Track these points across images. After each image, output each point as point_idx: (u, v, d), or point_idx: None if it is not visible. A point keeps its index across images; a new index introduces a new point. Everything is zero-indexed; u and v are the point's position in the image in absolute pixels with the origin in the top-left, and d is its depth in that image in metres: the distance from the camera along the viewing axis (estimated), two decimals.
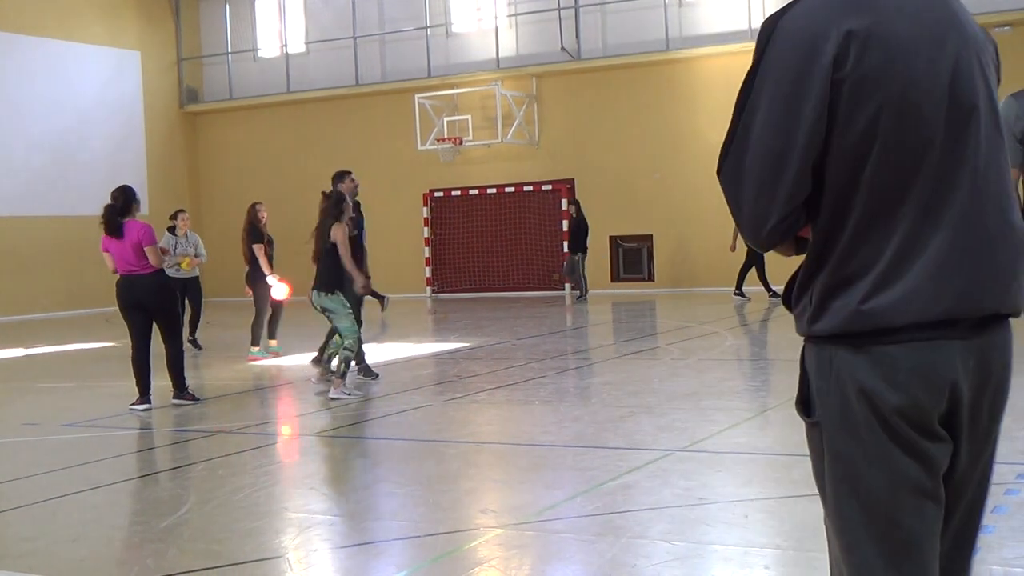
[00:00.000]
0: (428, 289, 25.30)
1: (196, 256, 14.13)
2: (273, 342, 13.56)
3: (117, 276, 9.78)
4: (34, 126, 24.49)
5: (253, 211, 13.60)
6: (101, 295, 25.35)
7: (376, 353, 13.74)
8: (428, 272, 25.31)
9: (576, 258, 21.94)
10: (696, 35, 22.95)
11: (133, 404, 9.76)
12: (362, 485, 6.61)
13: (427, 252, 25.31)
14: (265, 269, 12.99)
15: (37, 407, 10.78)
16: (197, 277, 14.59)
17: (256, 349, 13.35)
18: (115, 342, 17.29)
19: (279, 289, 12.69)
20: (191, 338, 14.66)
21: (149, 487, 7.01)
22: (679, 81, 23.08)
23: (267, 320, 13.40)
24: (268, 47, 27.93)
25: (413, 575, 4.89)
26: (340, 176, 11.22)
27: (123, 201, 9.69)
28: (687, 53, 22.88)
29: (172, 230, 14.61)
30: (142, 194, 11.23)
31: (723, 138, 2.26)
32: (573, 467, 6.89)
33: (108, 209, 9.66)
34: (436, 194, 25.37)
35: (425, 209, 25.25)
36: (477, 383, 10.80)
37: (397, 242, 25.33)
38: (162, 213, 24.68)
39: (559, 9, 23.95)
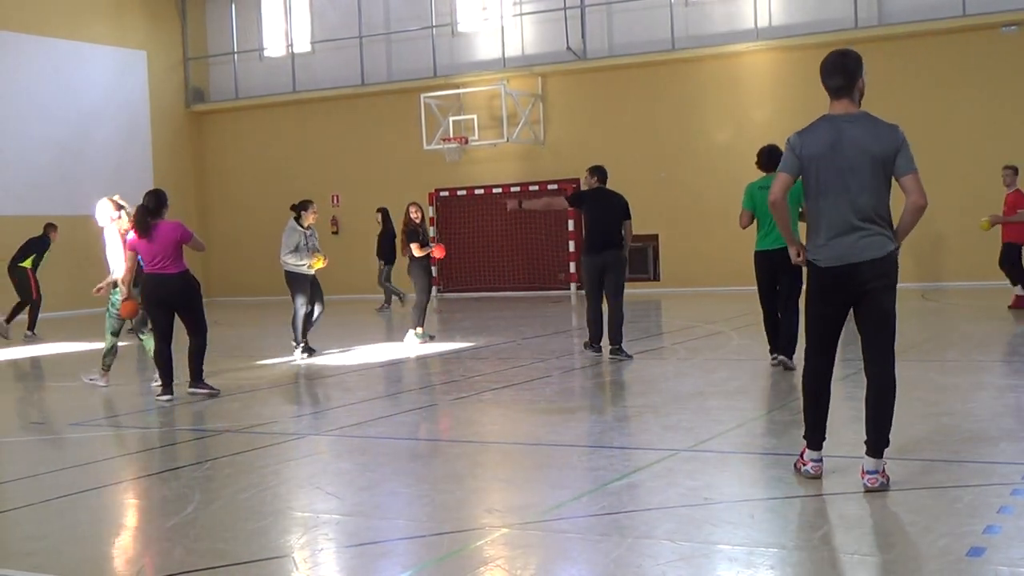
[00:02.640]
0: (434, 289, 25.28)
1: (322, 253, 13.54)
2: (420, 329, 14.37)
3: (143, 273, 10.19)
4: (40, 125, 24.53)
5: (407, 212, 14.46)
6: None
7: (379, 353, 13.75)
8: (434, 272, 25.26)
9: (386, 267, 21.39)
10: (702, 35, 22.92)
11: (159, 396, 10.16)
12: (367, 485, 6.61)
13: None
14: (419, 253, 14.13)
15: (43, 406, 10.80)
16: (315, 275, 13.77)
17: (419, 331, 14.29)
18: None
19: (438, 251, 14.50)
20: (302, 341, 13.46)
21: (155, 486, 7.01)
22: (685, 81, 23.05)
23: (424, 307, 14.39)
24: (274, 47, 27.95)
25: (418, 574, 4.90)
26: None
27: (155, 203, 10.15)
28: (693, 53, 22.85)
29: (298, 220, 13.46)
30: None
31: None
32: (578, 467, 6.89)
33: (140, 210, 10.09)
34: (442, 194, 25.37)
35: (431, 209, 25.25)
36: (482, 383, 10.80)
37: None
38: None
39: (565, 9, 23.93)
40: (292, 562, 5.09)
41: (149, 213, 10.06)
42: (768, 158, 10.31)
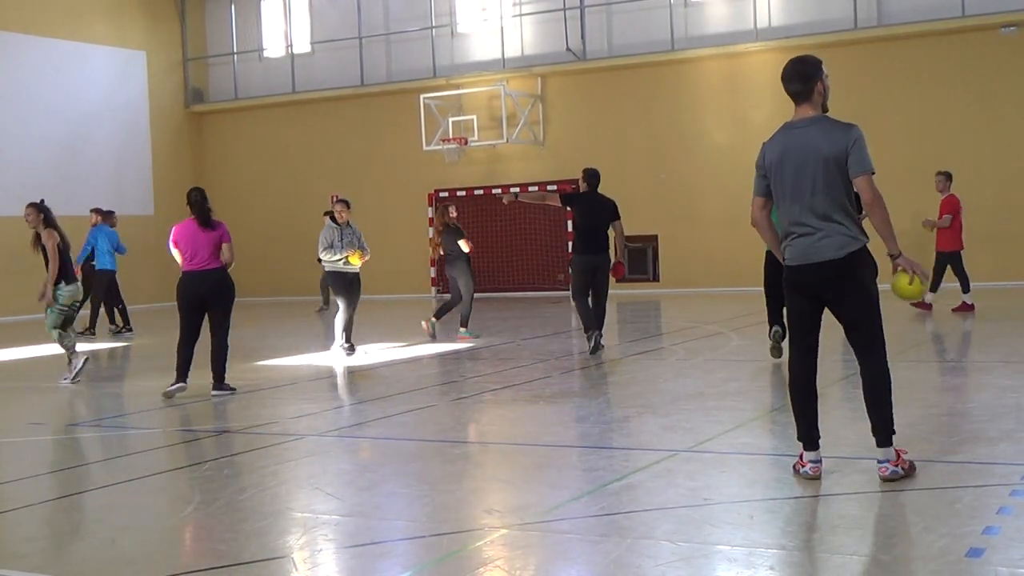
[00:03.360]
0: (433, 290, 25.32)
1: (362, 249, 13.33)
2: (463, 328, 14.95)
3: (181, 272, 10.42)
4: (40, 126, 24.53)
5: (446, 212, 14.94)
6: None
7: (380, 353, 13.75)
8: (433, 272, 25.32)
9: None
10: (701, 35, 22.93)
11: (169, 387, 10.31)
12: (367, 485, 6.61)
13: (431, 252, 25.29)
14: (468, 248, 14.72)
15: (42, 407, 10.80)
16: (359, 274, 13.53)
17: (464, 330, 14.88)
18: (120, 342, 17.32)
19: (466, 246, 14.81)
20: (347, 343, 13.40)
21: (154, 487, 7.01)
22: (684, 81, 23.06)
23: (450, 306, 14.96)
24: (273, 47, 27.95)
25: (418, 575, 4.90)
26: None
27: (205, 199, 10.43)
28: (692, 53, 22.86)
29: (332, 217, 13.30)
30: (148, 194, 11.20)
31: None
32: (578, 467, 6.89)
33: (203, 207, 10.33)
34: (441, 194, 25.37)
35: (430, 209, 25.24)
36: (482, 383, 10.81)
37: (401, 242, 25.35)
38: (167, 213, 24.73)
39: (564, 9, 23.93)
40: (292, 563, 5.09)
41: (208, 208, 10.35)
42: None
